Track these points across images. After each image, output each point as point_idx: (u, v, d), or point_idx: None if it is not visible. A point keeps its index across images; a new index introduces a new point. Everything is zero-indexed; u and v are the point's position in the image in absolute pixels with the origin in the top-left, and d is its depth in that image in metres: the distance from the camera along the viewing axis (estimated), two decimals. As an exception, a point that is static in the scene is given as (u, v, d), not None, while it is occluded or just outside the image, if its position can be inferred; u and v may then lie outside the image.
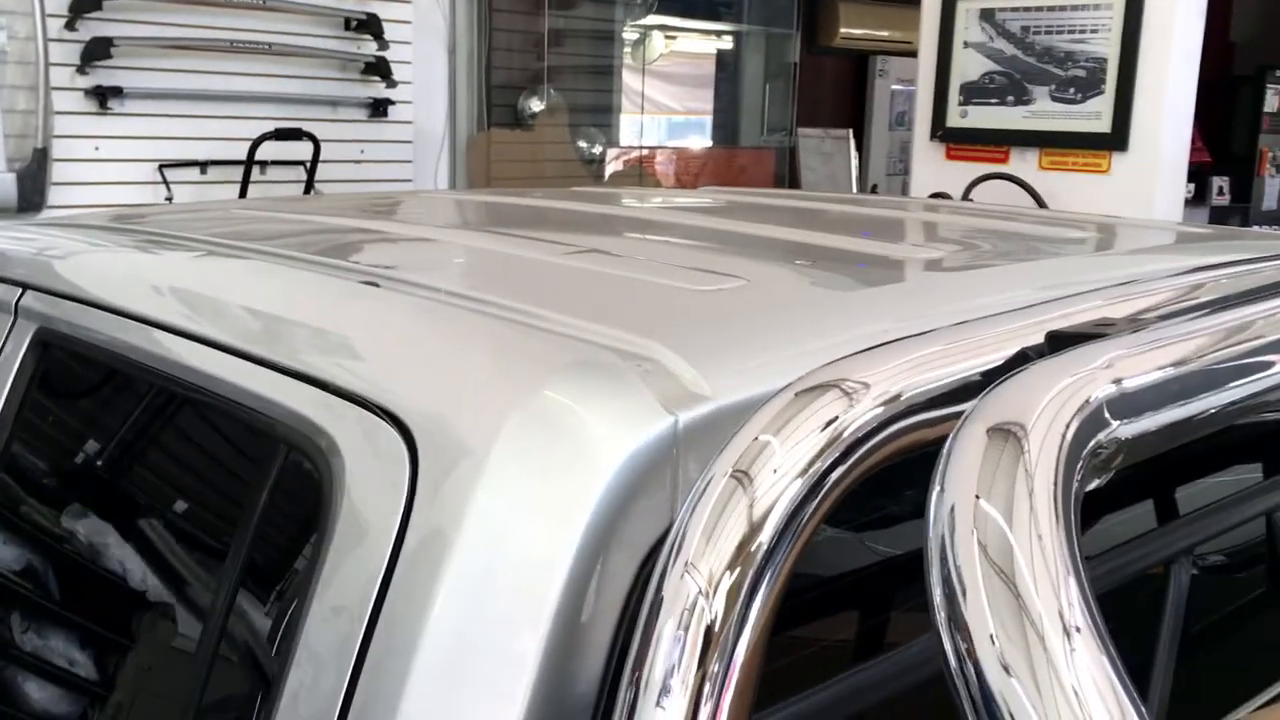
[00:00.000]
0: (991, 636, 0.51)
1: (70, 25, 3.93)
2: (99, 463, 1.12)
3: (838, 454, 0.68)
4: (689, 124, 6.75)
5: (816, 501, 0.67)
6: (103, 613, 1.06)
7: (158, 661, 0.96)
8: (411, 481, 0.75)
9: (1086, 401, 0.63)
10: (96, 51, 3.98)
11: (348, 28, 4.71)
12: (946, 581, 0.54)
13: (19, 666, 1.13)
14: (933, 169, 3.63)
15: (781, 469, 0.66)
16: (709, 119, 6.82)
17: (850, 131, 6.75)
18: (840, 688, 0.78)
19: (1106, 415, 0.63)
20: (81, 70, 4.00)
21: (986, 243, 1.34)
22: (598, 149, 5.93)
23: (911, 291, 1.05)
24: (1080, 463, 0.60)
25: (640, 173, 6.00)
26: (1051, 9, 3.37)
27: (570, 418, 0.74)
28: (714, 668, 0.61)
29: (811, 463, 0.67)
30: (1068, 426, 0.60)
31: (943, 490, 0.58)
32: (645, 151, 6.14)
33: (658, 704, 0.61)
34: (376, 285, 0.98)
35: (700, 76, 6.78)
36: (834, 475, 0.68)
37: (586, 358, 0.79)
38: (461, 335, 0.84)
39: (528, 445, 0.73)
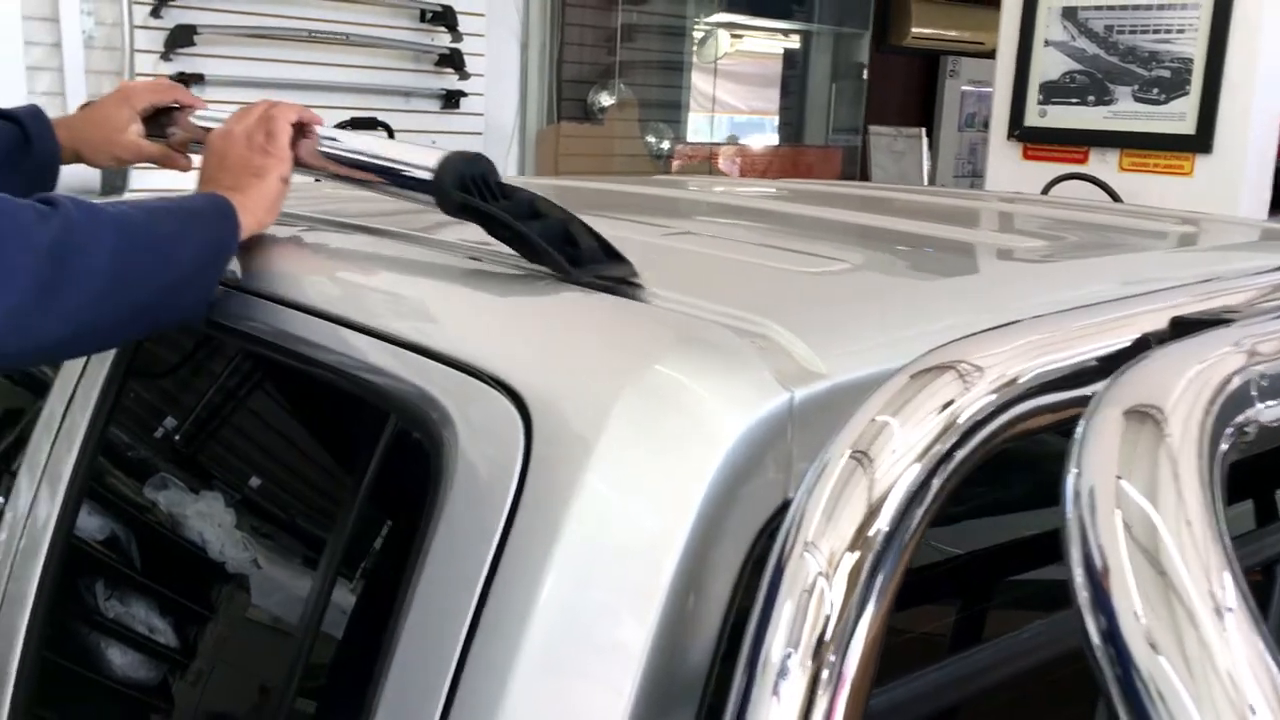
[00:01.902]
0: (1136, 615, 0.51)
1: (155, 12, 4.00)
2: (207, 434, 1.13)
3: (956, 437, 0.67)
4: (756, 121, 6.72)
5: (937, 485, 0.66)
6: (206, 585, 1.07)
7: (263, 631, 0.98)
8: (525, 456, 0.75)
9: (1226, 383, 0.61)
10: (180, 39, 4.05)
11: (423, 20, 4.75)
12: (1088, 560, 0.53)
13: (113, 638, 1.15)
14: (1009, 168, 3.58)
15: (900, 451, 0.66)
16: (776, 117, 6.79)
17: (923, 130, 6.68)
18: (951, 670, 0.77)
19: (1251, 395, 0.62)
20: (165, 57, 4.07)
21: (1088, 234, 1.32)
22: (666, 145, 5.92)
23: (1018, 277, 1.03)
24: (1222, 445, 0.58)
25: (709, 169, 5.98)
26: (1137, 8, 3.31)
27: (685, 393, 0.74)
28: (834, 649, 0.61)
29: (931, 445, 0.66)
30: (1209, 408, 0.59)
31: (1080, 472, 0.57)
32: (713, 148, 6.12)
33: (774, 688, 0.61)
34: (479, 260, 0.99)
35: (768, 75, 6.75)
36: (954, 459, 0.67)
37: (701, 333, 0.79)
38: (576, 310, 0.84)
39: (642, 421, 0.73)
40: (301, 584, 0.92)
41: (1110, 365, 0.75)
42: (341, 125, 4.39)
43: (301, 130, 1.11)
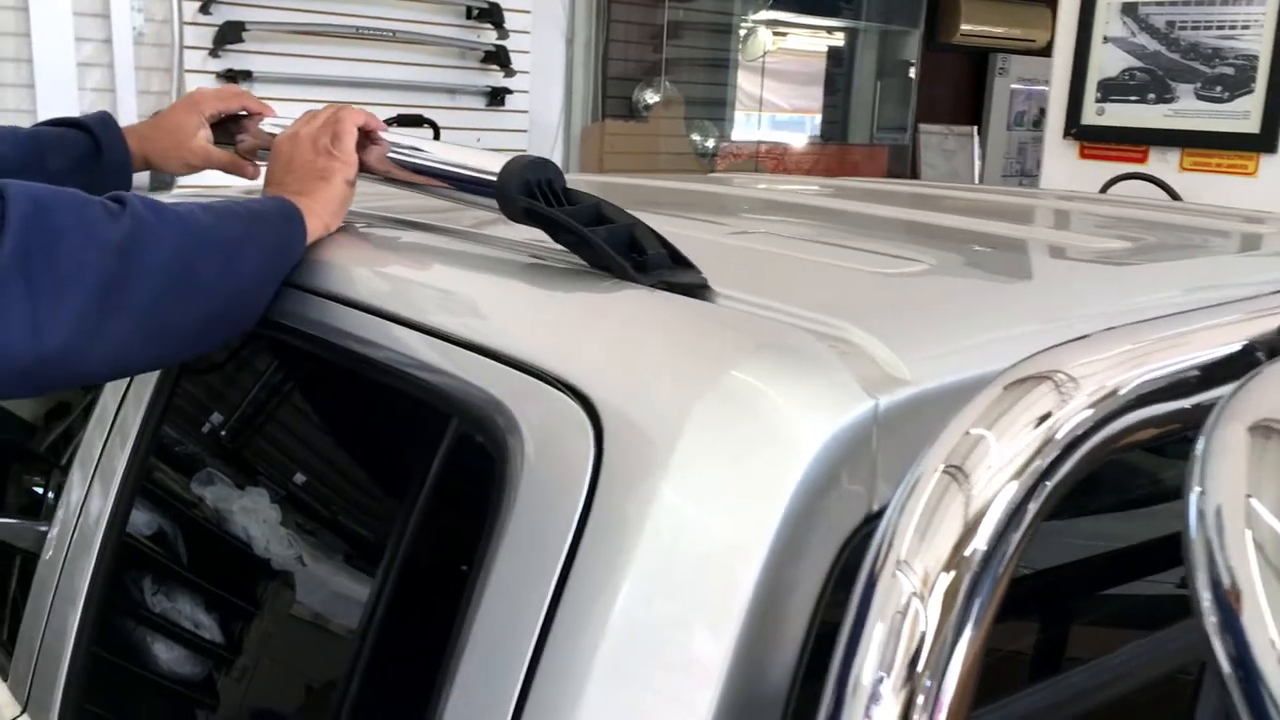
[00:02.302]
0: (1271, 640, 0.47)
1: (205, 9, 4.02)
2: (263, 433, 1.11)
3: (1056, 452, 0.64)
4: (800, 120, 6.65)
5: (1036, 503, 0.63)
6: (260, 585, 1.05)
7: (320, 637, 0.95)
8: (595, 463, 0.72)
9: (1359, 398, 0.57)
10: (229, 35, 4.06)
11: (469, 16, 4.74)
12: (1216, 582, 0.50)
13: (166, 636, 1.13)
14: (1065, 167, 3.51)
15: (997, 466, 0.62)
16: (821, 115, 6.72)
17: (975, 129, 6.59)
18: (1048, 694, 0.73)
19: (1391, 412, 0.57)
20: (214, 53, 4.08)
21: (1166, 235, 1.27)
22: (711, 143, 5.88)
23: (1102, 279, 0.99)
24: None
25: (755, 167, 5.93)
26: (1200, 3, 3.23)
27: (764, 400, 0.71)
28: (929, 674, 0.58)
29: (1029, 461, 0.63)
30: (1343, 424, 0.55)
31: (1205, 490, 0.54)
32: (758, 146, 6.07)
33: (866, 712, 0.57)
34: (544, 259, 0.96)
35: (814, 73, 6.69)
36: (1054, 475, 0.64)
37: (779, 336, 0.75)
38: (646, 312, 0.81)
39: (719, 428, 0.70)
40: (360, 590, 0.89)
41: (1215, 375, 0.71)
42: (389, 122, 4.38)
43: (367, 136, 1.09)
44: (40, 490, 1.53)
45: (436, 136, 4.47)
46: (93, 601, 1.14)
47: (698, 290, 0.83)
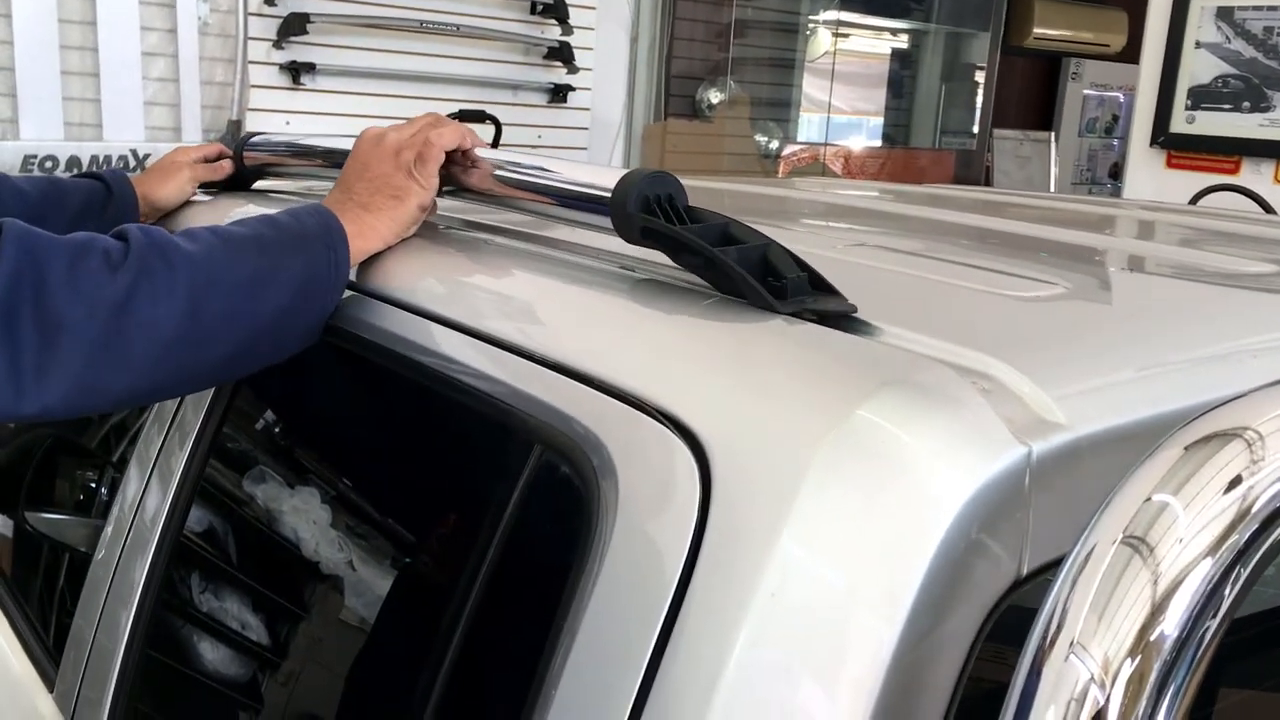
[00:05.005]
0: None
1: (270, 1, 3.98)
2: (327, 440, 1.04)
3: (1256, 526, 0.54)
4: (866, 123, 6.52)
5: (1234, 589, 0.54)
6: (317, 595, 0.98)
7: (388, 663, 0.87)
8: (702, 511, 0.63)
9: None
10: (294, 27, 4.01)
11: (533, 12, 4.67)
12: None
13: (222, 641, 1.07)
14: (1150, 177, 3.37)
15: (1186, 539, 0.54)
16: (888, 117, 6.58)
17: (1052, 135, 6.41)
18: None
19: None
20: (278, 45, 4.04)
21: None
22: (774, 144, 5.76)
23: (1263, 306, 0.88)
24: None
25: (823, 170, 5.81)
26: (1301, 8, 3.09)
27: (903, 447, 0.62)
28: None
29: (1224, 535, 0.54)
30: None
31: None
32: (824, 148, 5.94)
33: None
34: (632, 271, 0.87)
35: (881, 75, 6.55)
36: (1254, 553, 0.54)
37: (915, 371, 0.66)
38: (762, 339, 0.72)
39: (848, 478, 0.61)
40: (433, 631, 0.81)
41: None
42: (452, 116, 4.27)
43: (465, 155, 1.02)
44: (92, 485, 1.48)
45: (498, 132, 4.40)
46: (147, 602, 1.10)
47: (843, 319, 0.73)
